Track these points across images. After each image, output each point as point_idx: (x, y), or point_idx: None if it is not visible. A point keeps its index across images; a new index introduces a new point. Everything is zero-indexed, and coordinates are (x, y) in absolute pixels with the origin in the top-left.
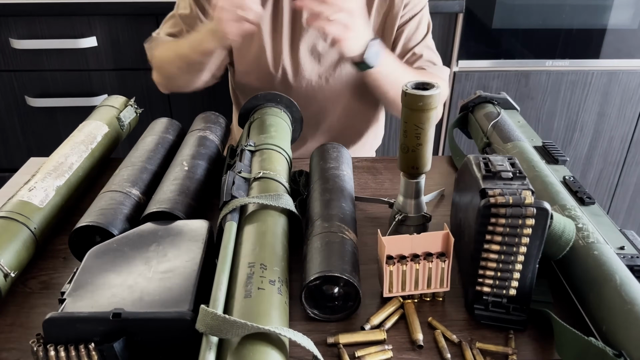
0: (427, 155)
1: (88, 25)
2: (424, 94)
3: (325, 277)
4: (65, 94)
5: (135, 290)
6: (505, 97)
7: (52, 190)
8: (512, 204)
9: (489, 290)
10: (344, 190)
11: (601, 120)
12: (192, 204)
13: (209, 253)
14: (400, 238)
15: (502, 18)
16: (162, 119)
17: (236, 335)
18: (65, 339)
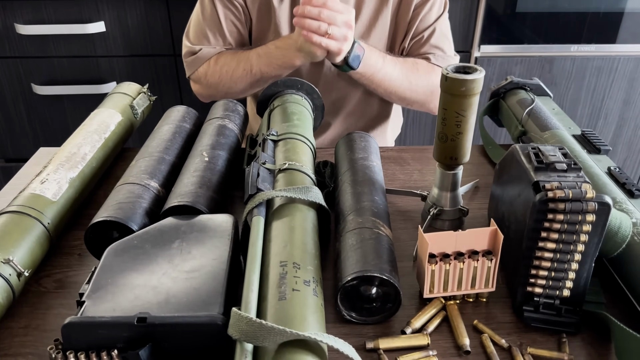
0: (467, 145)
1: (96, 10)
2: (467, 78)
3: (363, 277)
4: (72, 81)
5: (160, 292)
6: (538, 83)
7: (65, 183)
8: (572, 199)
9: (541, 292)
10: (375, 183)
11: (626, 107)
12: (215, 197)
13: (235, 250)
14: (443, 235)
15: (526, 1)
16: (179, 107)
17: (273, 343)
18: (86, 345)
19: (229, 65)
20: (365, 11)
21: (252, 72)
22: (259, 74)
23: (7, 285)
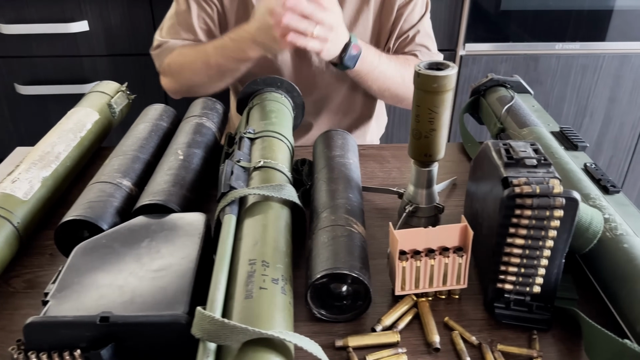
0: (441, 142)
1: (79, 9)
2: (439, 75)
3: (333, 275)
4: (56, 81)
5: (126, 291)
6: (519, 80)
7: (37, 182)
8: (539, 194)
9: (511, 288)
10: (350, 180)
11: (612, 105)
12: (188, 195)
13: (206, 249)
14: (413, 231)
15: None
16: (156, 105)
17: (236, 342)
18: (48, 345)
19: (189, 56)
20: (347, 11)
21: (210, 64)
22: (216, 67)
23: None
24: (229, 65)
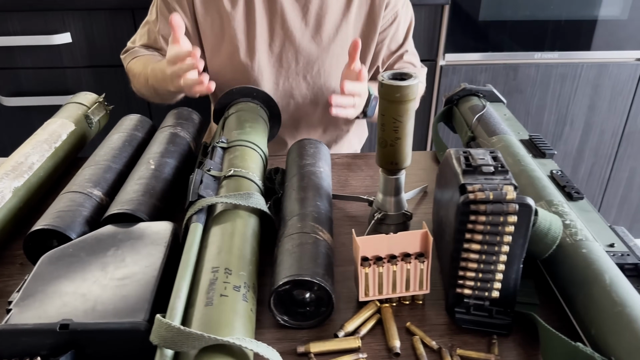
0: (406, 150)
1: (62, 21)
2: (402, 85)
3: (296, 282)
4: (39, 92)
5: (89, 299)
6: (491, 90)
7: (8, 192)
8: (493, 200)
9: (470, 293)
10: (320, 188)
11: (592, 113)
12: (158, 204)
13: (171, 258)
14: (376, 238)
15: (489, 10)
16: (132, 116)
17: (192, 348)
18: (9, 353)
19: (137, 70)
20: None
21: (148, 84)
22: (152, 88)
23: None
24: (161, 91)
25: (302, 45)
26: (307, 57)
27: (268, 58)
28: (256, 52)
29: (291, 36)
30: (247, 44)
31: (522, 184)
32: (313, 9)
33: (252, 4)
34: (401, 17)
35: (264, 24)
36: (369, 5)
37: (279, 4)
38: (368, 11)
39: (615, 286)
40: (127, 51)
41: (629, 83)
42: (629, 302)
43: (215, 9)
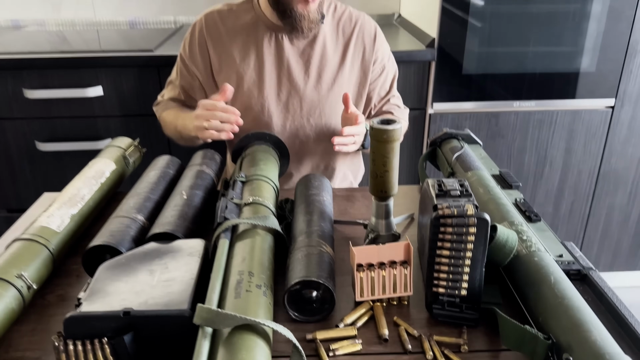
0: (393, 181)
1: (95, 76)
2: (388, 128)
3: (304, 282)
4: (72, 138)
5: (141, 295)
6: (469, 133)
7: (67, 218)
8: (457, 215)
9: (444, 291)
10: (323, 213)
11: (569, 155)
12: (190, 227)
13: (204, 266)
14: (368, 248)
15: (470, 65)
16: (164, 156)
17: (227, 326)
18: (82, 335)
19: (168, 120)
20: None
21: (177, 129)
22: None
23: (19, 294)
24: (185, 137)
25: (305, 93)
26: (310, 103)
27: (276, 105)
28: (266, 101)
29: (296, 86)
30: (259, 95)
31: (490, 209)
32: (314, 63)
33: (262, 60)
34: (388, 69)
35: (273, 76)
36: (360, 61)
37: (286, 59)
38: (360, 66)
39: (558, 284)
40: (158, 104)
41: (600, 128)
42: (567, 295)
43: (229, 66)
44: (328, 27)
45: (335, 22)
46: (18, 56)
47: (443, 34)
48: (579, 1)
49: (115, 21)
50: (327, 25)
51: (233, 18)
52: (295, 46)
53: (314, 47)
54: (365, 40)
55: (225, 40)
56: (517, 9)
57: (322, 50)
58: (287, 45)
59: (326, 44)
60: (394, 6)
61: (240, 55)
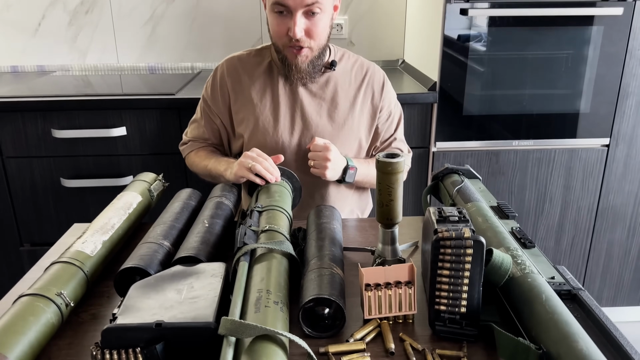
0: (398, 209)
1: (120, 118)
2: (392, 161)
3: (318, 299)
4: (95, 175)
5: (170, 310)
6: (469, 169)
7: (99, 244)
8: (455, 238)
9: (445, 309)
10: (334, 239)
11: (567, 192)
12: (212, 251)
13: (226, 286)
14: (375, 269)
15: (470, 106)
16: (187, 190)
17: (249, 336)
18: (118, 345)
19: (196, 162)
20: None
21: (207, 172)
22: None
23: (59, 311)
24: (216, 178)
25: (317, 131)
26: None
27: (289, 142)
28: (280, 139)
29: (309, 124)
30: (274, 133)
31: (488, 236)
32: (326, 105)
33: (277, 101)
34: (394, 115)
35: (287, 116)
36: (370, 105)
37: (299, 100)
38: (369, 110)
39: (549, 301)
40: (185, 144)
41: (597, 165)
42: (557, 311)
43: (247, 107)
44: (340, 73)
45: (348, 69)
46: (48, 98)
47: (444, 78)
48: (572, 47)
49: (136, 66)
50: (339, 71)
51: (252, 63)
52: (308, 89)
53: (326, 90)
54: (375, 87)
55: (244, 83)
56: (514, 55)
57: (333, 93)
58: (301, 87)
59: (337, 88)
60: (398, 53)
61: (257, 96)
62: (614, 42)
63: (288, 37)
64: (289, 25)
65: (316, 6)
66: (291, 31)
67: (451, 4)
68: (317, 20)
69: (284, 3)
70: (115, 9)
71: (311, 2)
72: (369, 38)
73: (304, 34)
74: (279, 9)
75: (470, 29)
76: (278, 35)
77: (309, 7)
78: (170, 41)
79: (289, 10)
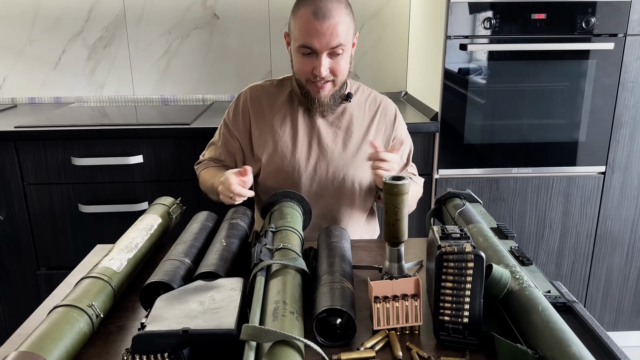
0: (403, 229)
1: (137, 146)
2: (398, 183)
3: (330, 310)
4: (111, 201)
5: (195, 319)
6: (470, 193)
7: (125, 261)
8: (457, 252)
9: (449, 319)
10: (344, 257)
11: (566, 218)
12: (230, 268)
13: (244, 299)
14: (383, 283)
15: (471, 135)
16: (204, 212)
17: (268, 341)
18: (147, 350)
19: (203, 179)
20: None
21: (213, 188)
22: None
23: (90, 321)
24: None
25: (332, 158)
26: (336, 167)
27: (305, 167)
28: (297, 164)
29: (324, 152)
30: (291, 158)
31: (489, 254)
32: (341, 134)
33: (296, 129)
34: (405, 144)
35: (304, 143)
36: (382, 135)
37: (317, 128)
38: (382, 139)
39: (545, 312)
40: (200, 163)
41: (594, 192)
42: (552, 320)
43: (267, 132)
44: (355, 105)
45: (362, 101)
46: (70, 128)
47: (445, 109)
48: (568, 80)
49: (150, 98)
50: (354, 103)
51: (273, 92)
52: (325, 119)
53: (342, 120)
54: (387, 118)
55: (266, 110)
56: (512, 87)
57: (348, 123)
58: (318, 117)
59: (352, 118)
60: (401, 85)
61: (277, 123)
62: (607, 75)
63: (312, 75)
64: (314, 64)
65: (340, 48)
66: (317, 70)
67: (451, 39)
68: (340, 59)
69: (311, 46)
70: (132, 44)
71: (336, 45)
72: (373, 71)
73: (329, 72)
74: (306, 51)
75: (469, 63)
76: (302, 72)
77: (334, 50)
78: (183, 74)
79: (315, 52)
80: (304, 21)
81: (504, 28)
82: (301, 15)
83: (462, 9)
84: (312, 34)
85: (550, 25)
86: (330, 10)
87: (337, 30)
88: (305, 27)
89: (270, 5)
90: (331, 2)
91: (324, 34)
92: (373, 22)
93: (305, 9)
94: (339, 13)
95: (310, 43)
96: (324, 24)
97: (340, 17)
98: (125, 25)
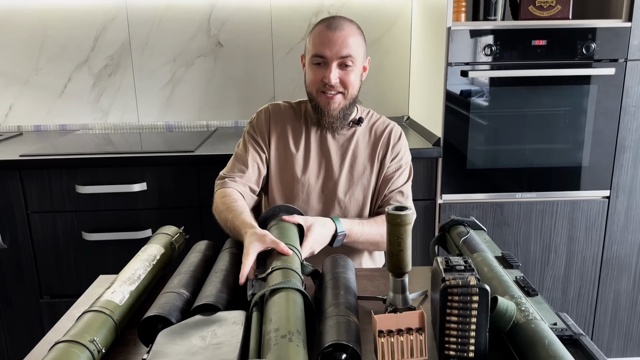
0: (407, 259)
1: (141, 174)
2: (401, 214)
3: (336, 345)
4: (115, 229)
5: (197, 355)
6: (474, 220)
7: (127, 293)
8: (461, 285)
9: (454, 353)
10: (349, 288)
11: (572, 242)
12: (229, 299)
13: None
14: (388, 316)
15: (474, 160)
16: (203, 242)
17: None
18: None
19: (220, 207)
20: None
21: (227, 225)
22: (228, 228)
23: (92, 356)
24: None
25: (339, 179)
26: (342, 187)
27: (314, 185)
28: (307, 181)
29: (332, 173)
30: (302, 176)
31: (494, 285)
32: (349, 155)
33: (309, 147)
34: (404, 169)
35: (315, 163)
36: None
37: (326, 150)
38: (381, 155)
39: (551, 345)
40: (220, 179)
41: (599, 217)
42: (559, 354)
43: (283, 146)
44: (363, 129)
45: (370, 125)
46: (74, 156)
47: (448, 134)
48: (570, 105)
49: (155, 125)
50: (364, 127)
51: (290, 113)
52: (336, 140)
53: (351, 142)
54: (391, 140)
55: (283, 128)
56: (514, 111)
57: (355, 145)
58: (330, 138)
59: (359, 141)
60: (403, 110)
61: (292, 140)
62: (609, 99)
63: (322, 83)
64: (325, 74)
65: (349, 59)
66: (326, 78)
67: (452, 66)
68: (349, 71)
69: (322, 54)
70: (137, 72)
71: (345, 55)
72: (375, 96)
73: (338, 81)
74: (317, 60)
75: (471, 87)
76: (314, 82)
77: (343, 60)
78: (188, 101)
79: (326, 62)
80: (318, 34)
81: (504, 54)
82: (316, 30)
83: (462, 36)
84: (324, 42)
85: (551, 51)
86: (343, 24)
87: (347, 41)
88: (319, 38)
89: (273, 33)
90: (344, 19)
91: (335, 42)
92: (375, 49)
93: (320, 25)
94: (350, 28)
95: (322, 51)
96: (336, 33)
97: (352, 31)
98: (131, 54)
